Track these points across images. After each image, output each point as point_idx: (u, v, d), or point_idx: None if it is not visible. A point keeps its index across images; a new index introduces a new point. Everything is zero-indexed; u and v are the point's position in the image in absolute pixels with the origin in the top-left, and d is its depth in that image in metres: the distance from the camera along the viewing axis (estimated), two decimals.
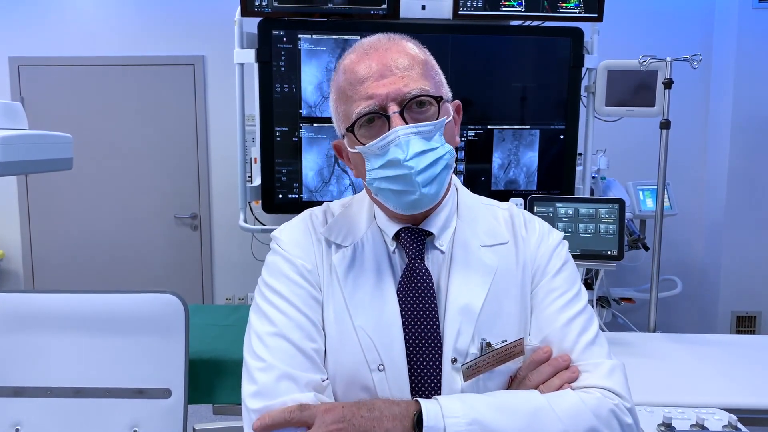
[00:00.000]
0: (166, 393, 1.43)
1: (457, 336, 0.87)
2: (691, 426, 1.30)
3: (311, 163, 2.45)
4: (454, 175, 0.97)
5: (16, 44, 3.90)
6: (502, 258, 0.93)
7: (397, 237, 0.93)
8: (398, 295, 0.90)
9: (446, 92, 0.92)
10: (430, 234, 0.93)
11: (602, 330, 2.58)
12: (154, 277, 4.09)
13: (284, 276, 0.91)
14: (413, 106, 0.85)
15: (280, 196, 2.46)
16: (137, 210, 4.06)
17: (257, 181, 2.52)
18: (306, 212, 1.01)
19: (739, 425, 1.30)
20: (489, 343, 0.87)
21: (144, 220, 4.07)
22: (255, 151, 2.56)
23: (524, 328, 0.91)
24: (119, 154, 4.01)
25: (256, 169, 2.56)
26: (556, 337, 0.90)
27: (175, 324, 1.43)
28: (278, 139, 2.43)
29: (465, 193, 1.01)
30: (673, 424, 1.30)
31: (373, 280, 0.91)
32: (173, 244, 4.10)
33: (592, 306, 2.59)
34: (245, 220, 2.51)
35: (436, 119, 0.86)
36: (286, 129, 2.43)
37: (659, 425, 1.31)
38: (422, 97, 0.85)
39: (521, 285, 0.93)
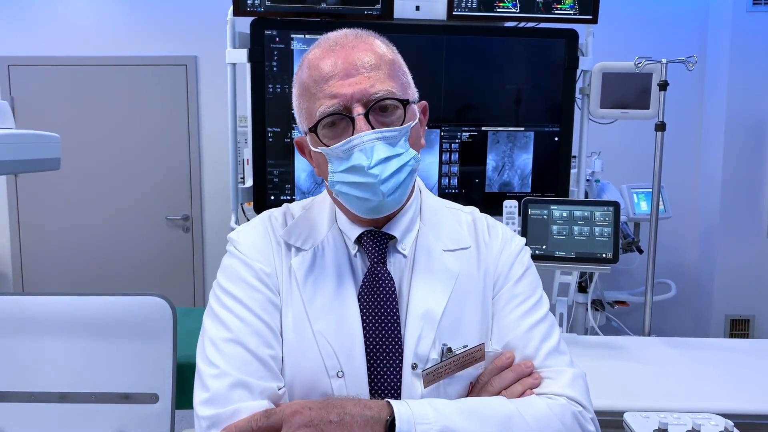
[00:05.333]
0: (153, 398, 1.40)
1: (418, 341, 0.86)
2: (687, 431, 1.28)
3: (304, 164, 2.43)
4: (418, 177, 0.95)
5: (6, 44, 3.86)
6: (464, 263, 0.92)
7: (359, 240, 0.92)
8: (359, 300, 0.88)
9: (413, 93, 0.90)
10: (393, 237, 0.91)
11: (596, 334, 2.56)
12: (144, 279, 4.06)
13: (241, 280, 0.88)
14: (378, 109, 0.83)
15: (272, 197, 2.43)
16: (128, 211, 4.02)
17: (249, 182, 2.50)
18: (265, 213, 0.98)
19: (736, 431, 1.28)
20: (450, 348, 0.86)
21: (135, 222, 4.03)
22: (247, 153, 2.54)
23: (485, 334, 0.90)
24: (110, 154, 3.98)
25: (248, 170, 2.54)
26: (518, 343, 0.89)
27: (162, 327, 1.40)
28: (270, 140, 2.40)
29: (428, 196, 0.99)
30: (668, 430, 1.28)
31: (333, 284, 0.89)
32: (164, 246, 4.06)
33: (587, 309, 2.58)
34: (237, 222, 2.49)
35: (402, 123, 0.84)
36: (279, 130, 2.40)
37: (655, 430, 1.29)
38: (388, 100, 0.83)
39: (483, 290, 0.92)
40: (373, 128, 0.82)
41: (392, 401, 0.78)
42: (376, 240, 0.91)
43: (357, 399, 0.79)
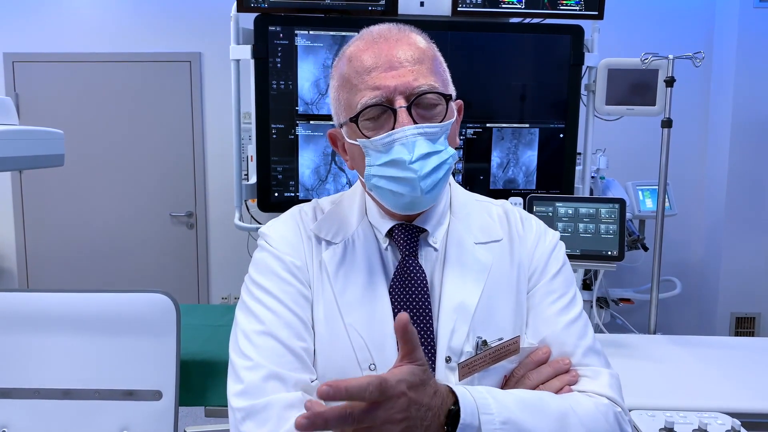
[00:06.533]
0: (156, 395, 1.40)
1: (452, 334, 0.85)
2: (694, 430, 1.27)
3: (308, 161, 2.42)
4: None
5: (10, 40, 3.86)
6: (497, 255, 0.92)
7: (389, 234, 0.91)
8: (390, 293, 0.88)
9: (452, 90, 0.89)
10: (424, 231, 0.91)
11: (601, 331, 2.55)
12: (149, 275, 4.06)
13: (273, 273, 0.88)
14: (421, 103, 0.83)
15: (276, 194, 2.43)
16: (132, 208, 4.03)
17: (253, 179, 2.49)
18: (295, 208, 0.98)
19: (743, 430, 1.27)
20: (485, 341, 0.85)
21: (139, 219, 4.04)
22: (251, 149, 2.54)
23: (519, 327, 0.90)
24: (115, 151, 3.98)
25: (252, 167, 2.53)
26: (555, 339, 0.89)
27: (166, 324, 1.40)
28: (274, 136, 2.40)
29: (458, 189, 0.99)
30: (675, 429, 1.28)
31: (364, 277, 0.88)
32: (169, 243, 4.06)
33: (591, 307, 2.57)
34: (241, 219, 2.49)
35: (443, 119, 0.84)
36: (283, 126, 2.40)
37: (661, 429, 1.29)
38: (431, 94, 0.83)
39: (516, 283, 0.91)
40: (415, 122, 0.81)
41: (454, 387, 0.73)
42: (408, 233, 0.90)
43: (434, 382, 0.72)
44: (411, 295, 0.87)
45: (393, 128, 0.81)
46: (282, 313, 0.85)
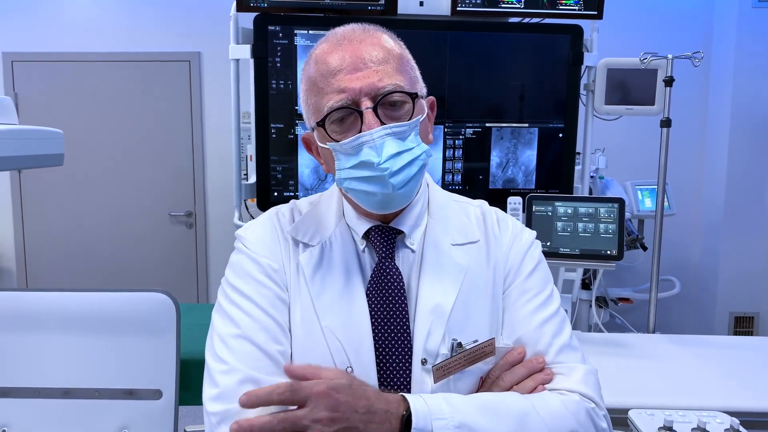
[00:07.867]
0: (156, 394, 1.40)
1: (428, 336, 0.85)
2: (693, 429, 1.27)
3: (307, 160, 2.42)
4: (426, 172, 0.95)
5: (9, 40, 3.86)
6: (473, 257, 0.92)
7: (366, 236, 0.91)
8: (367, 296, 0.87)
9: (421, 88, 0.89)
10: (401, 232, 0.91)
11: (600, 331, 2.55)
12: (148, 275, 4.06)
13: (249, 276, 0.88)
14: (387, 103, 0.82)
15: (276, 194, 2.43)
16: (132, 207, 4.03)
17: (252, 178, 2.49)
18: (272, 210, 0.98)
19: (742, 429, 1.27)
20: (460, 343, 0.85)
21: (138, 218, 4.03)
22: (250, 149, 2.54)
23: (495, 328, 0.90)
24: (114, 150, 3.98)
25: (252, 166, 2.53)
26: (530, 338, 0.89)
27: (166, 323, 1.40)
28: (274, 136, 2.40)
29: (436, 190, 0.99)
30: (674, 428, 1.28)
31: (341, 280, 0.88)
32: (168, 242, 4.06)
33: (590, 306, 2.58)
34: (240, 218, 2.49)
35: (411, 117, 0.83)
36: (282, 126, 2.40)
37: (660, 428, 1.29)
38: (397, 94, 0.82)
39: (492, 284, 0.91)
40: (382, 123, 0.81)
41: (407, 395, 0.76)
42: (384, 235, 0.90)
43: (374, 390, 0.77)
44: (388, 297, 0.87)
45: (360, 130, 0.81)
46: (258, 316, 0.85)
